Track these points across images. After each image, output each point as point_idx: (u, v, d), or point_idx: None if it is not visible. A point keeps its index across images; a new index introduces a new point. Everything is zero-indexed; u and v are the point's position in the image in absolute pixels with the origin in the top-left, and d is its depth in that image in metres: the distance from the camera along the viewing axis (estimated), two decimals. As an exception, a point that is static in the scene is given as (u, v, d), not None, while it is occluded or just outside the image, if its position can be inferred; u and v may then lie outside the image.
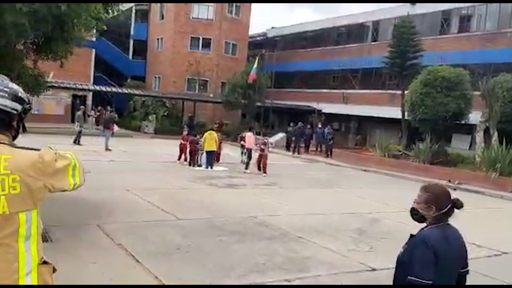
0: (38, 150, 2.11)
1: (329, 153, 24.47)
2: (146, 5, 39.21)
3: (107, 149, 19.53)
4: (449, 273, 2.72)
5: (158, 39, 39.40)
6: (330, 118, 33.95)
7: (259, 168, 16.53)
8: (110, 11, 8.26)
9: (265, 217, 9.40)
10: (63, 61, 8.72)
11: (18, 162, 2.00)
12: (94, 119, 30.22)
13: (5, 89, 2.07)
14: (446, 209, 2.74)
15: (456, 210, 2.83)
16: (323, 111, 34.51)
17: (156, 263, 6.07)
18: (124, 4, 35.43)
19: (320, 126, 27.92)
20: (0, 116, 2.06)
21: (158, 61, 38.81)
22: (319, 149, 26.19)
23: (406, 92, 22.75)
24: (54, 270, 2.18)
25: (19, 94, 2.12)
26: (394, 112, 25.75)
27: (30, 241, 2.05)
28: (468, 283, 2.96)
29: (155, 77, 39.46)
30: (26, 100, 2.17)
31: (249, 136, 17.59)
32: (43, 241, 2.20)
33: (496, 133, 19.07)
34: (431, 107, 19.94)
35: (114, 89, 33.16)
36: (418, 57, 24.28)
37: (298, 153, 25.07)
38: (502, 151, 17.48)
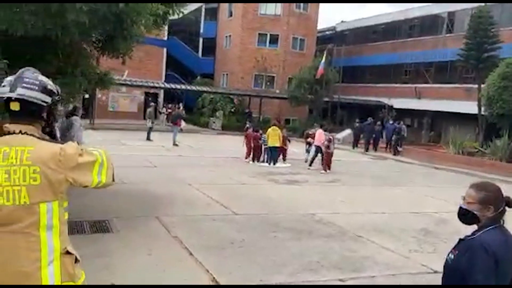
0: (68, 143, 2.17)
1: (396, 149, 23.41)
2: (215, 2, 39.93)
3: (174, 144, 20.14)
4: (506, 277, 2.50)
5: (226, 36, 39.98)
6: (402, 114, 32.60)
7: (323, 165, 16.15)
8: (171, 10, 8.44)
9: (324, 214, 9.19)
10: (137, 59, 9.06)
11: (40, 154, 2.07)
12: (165, 116, 31.27)
13: (36, 81, 2.15)
14: (502, 208, 2.56)
15: None
16: (395, 106, 33.29)
17: (208, 257, 6.12)
18: (192, 4, 36.46)
19: (391, 121, 26.67)
20: (31, 108, 2.14)
21: (226, 58, 39.41)
22: (389, 146, 25.15)
23: (482, 86, 21.33)
24: (77, 260, 2.22)
25: (49, 87, 2.19)
26: (470, 107, 24.25)
27: (53, 232, 2.10)
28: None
29: (223, 74, 40.14)
30: (56, 92, 2.23)
31: (320, 133, 17.11)
32: (105, 232, 2.27)
33: None
34: (509, 101, 18.56)
35: (183, 87, 34.15)
36: (496, 49, 22.69)
37: (367, 150, 24.25)
38: None
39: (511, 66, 19.23)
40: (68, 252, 2.16)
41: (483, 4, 24.46)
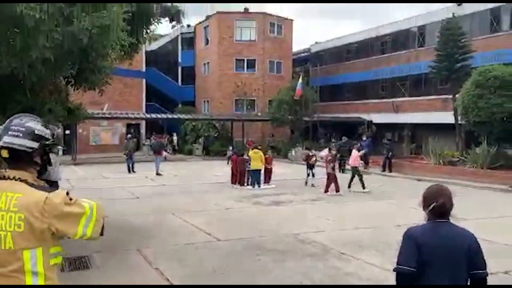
0: (54, 191, 2.16)
1: (390, 166, 22.23)
2: (191, 32, 40.42)
3: (157, 174, 20.00)
4: (442, 266, 2.82)
5: (204, 63, 40.37)
6: (382, 128, 33.06)
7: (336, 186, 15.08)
8: (142, 39, 8.48)
9: (309, 233, 9.17)
10: (116, 92, 9.05)
11: (26, 201, 2.08)
12: (149, 147, 31.14)
13: (21, 128, 2.18)
14: (430, 208, 2.94)
15: None
16: (374, 121, 33.69)
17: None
18: (168, 33, 36.73)
19: (364, 138, 25.38)
20: (19, 154, 2.16)
21: (206, 85, 39.70)
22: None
23: (457, 95, 21.74)
24: None
25: (36, 132, 2.21)
26: (447, 117, 24.62)
27: (38, 278, 2.10)
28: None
29: (204, 101, 40.34)
30: (46, 136, 2.25)
31: (355, 154, 16.50)
32: (85, 268, 2.26)
33: (560, 132, 17.74)
34: (485, 109, 18.87)
35: (164, 116, 34.13)
36: (467, 59, 23.21)
37: (343, 172, 21.20)
38: None
39: (484, 74, 19.62)
40: None
41: (451, 16, 25.16)
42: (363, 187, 15.60)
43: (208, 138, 33.83)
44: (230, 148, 20.57)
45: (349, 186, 15.76)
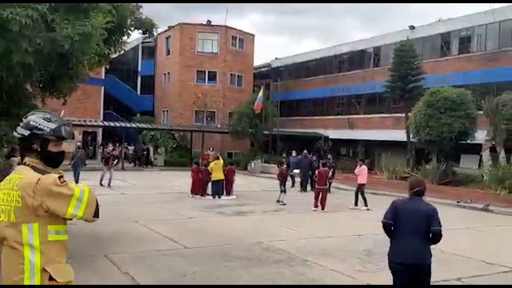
0: (48, 174, 2.46)
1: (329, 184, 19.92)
2: (152, 41, 40.29)
3: (101, 184, 19.03)
4: (409, 222, 4.85)
5: (165, 74, 40.28)
6: (338, 143, 34.10)
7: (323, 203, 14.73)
8: (113, 49, 8.60)
9: (273, 242, 9.46)
10: (74, 99, 9.10)
11: (24, 182, 2.42)
12: (100, 156, 30.40)
13: (24, 120, 2.58)
14: (411, 192, 5.02)
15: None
16: (330, 137, 34.69)
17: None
18: (130, 41, 36.59)
19: (294, 154, 23.52)
20: (22, 142, 2.57)
21: (166, 95, 39.57)
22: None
23: (409, 114, 22.89)
24: (52, 278, 2.44)
25: (31, 122, 2.55)
26: (400, 135, 25.84)
27: (34, 250, 2.39)
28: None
29: (163, 111, 40.15)
30: (40, 127, 2.54)
31: (364, 169, 16.12)
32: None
33: (503, 151, 19.05)
34: (435, 128, 20.01)
35: (123, 124, 33.66)
36: (419, 80, 24.53)
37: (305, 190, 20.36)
38: (509, 168, 17.42)
39: (435, 95, 20.80)
40: (45, 270, 2.40)
41: (405, 39, 26.53)
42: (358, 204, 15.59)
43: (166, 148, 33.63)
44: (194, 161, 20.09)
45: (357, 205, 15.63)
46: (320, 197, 14.70)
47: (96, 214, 2.50)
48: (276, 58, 44.73)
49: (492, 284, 7.29)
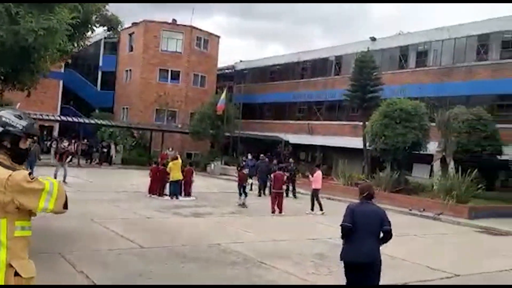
0: (18, 171, 2.50)
1: (294, 192, 20.56)
2: (115, 37, 39.60)
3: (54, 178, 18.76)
4: (365, 224, 5.30)
5: (126, 70, 39.68)
6: (297, 148, 34.65)
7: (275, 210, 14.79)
8: (76, 44, 8.51)
9: (229, 244, 9.58)
10: (31, 91, 8.92)
11: None
12: (54, 151, 29.45)
13: None
14: (362, 196, 5.53)
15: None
16: (290, 141, 35.20)
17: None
18: (93, 36, 35.80)
19: (250, 157, 23.17)
20: None
21: (127, 92, 38.98)
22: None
23: (367, 123, 23.58)
24: (17, 274, 2.48)
25: (3, 119, 2.58)
26: (357, 143, 26.57)
27: (1, 247, 2.43)
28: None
29: (123, 108, 39.52)
30: (10, 123, 2.58)
31: (319, 174, 16.33)
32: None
33: (452, 162, 19.96)
34: (390, 137, 20.71)
35: (81, 120, 32.89)
36: (378, 90, 25.31)
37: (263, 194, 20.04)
38: (458, 179, 18.28)
39: (391, 105, 21.54)
40: (11, 266, 2.45)
41: (366, 50, 27.32)
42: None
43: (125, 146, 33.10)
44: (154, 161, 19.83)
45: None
46: (276, 201, 14.89)
47: (66, 206, 2.57)
48: (240, 61, 44.96)
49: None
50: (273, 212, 14.73)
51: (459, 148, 20.61)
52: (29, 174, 2.47)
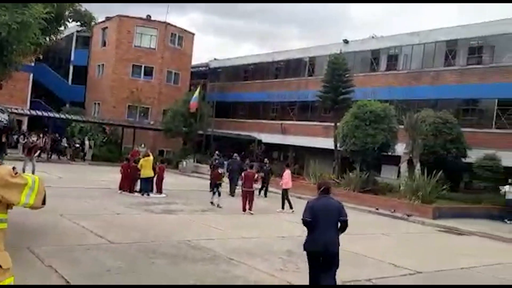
0: (3, 165, 2.58)
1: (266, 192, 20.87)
2: (88, 31, 39.02)
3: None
4: (324, 216, 5.87)
5: (99, 65, 39.17)
6: (270, 147, 34.93)
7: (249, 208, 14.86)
8: (48, 38, 8.47)
9: (200, 240, 9.69)
10: (2, 84, 8.83)
11: None
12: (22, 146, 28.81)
13: None
14: (319, 191, 6.14)
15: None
16: (264, 141, 35.44)
17: (86, 284, 6.22)
18: (65, 30, 35.22)
19: (217, 154, 22.81)
20: None
21: (99, 88, 38.48)
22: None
23: (338, 124, 24.02)
24: None
25: None
26: (328, 143, 27.01)
27: None
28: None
29: (95, 103, 39.00)
30: None
31: (288, 174, 16.55)
32: None
33: (418, 164, 20.57)
34: (360, 138, 21.19)
35: (51, 114, 32.28)
36: (349, 92, 25.79)
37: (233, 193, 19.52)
38: (423, 180, 18.87)
39: (362, 108, 22.03)
40: None
41: (338, 52, 27.79)
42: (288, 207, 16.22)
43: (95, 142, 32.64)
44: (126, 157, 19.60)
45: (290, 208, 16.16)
46: (247, 199, 15.06)
47: (44, 201, 2.65)
48: (214, 59, 44.94)
49: (397, 284, 8.01)
50: (244, 210, 14.91)
51: (425, 150, 21.24)
52: (13, 168, 2.54)
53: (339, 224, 5.95)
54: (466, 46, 26.17)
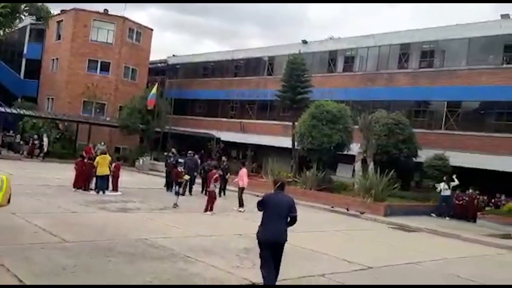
0: None
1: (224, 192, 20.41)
2: (42, 23, 37.83)
3: None
4: (275, 210, 6.50)
5: (53, 59, 38.03)
6: (229, 146, 35.01)
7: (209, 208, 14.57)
8: (2, 32, 8.26)
9: (157, 239, 9.69)
10: None
11: None
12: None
13: None
14: (275, 187, 6.72)
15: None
16: (222, 139, 35.47)
17: (40, 283, 6.13)
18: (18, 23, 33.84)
19: (172, 152, 21.92)
20: None
21: (53, 82, 37.34)
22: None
23: (296, 123, 24.42)
24: None
25: None
26: (287, 142, 27.40)
27: None
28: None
29: (48, 98, 37.83)
30: None
31: (245, 172, 16.28)
32: None
33: (372, 163, 21.26)
34: (317, 138, 21.66)
35: (2, 109, 31.00)
36: (307, 92, 26.26)
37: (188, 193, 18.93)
38: (376, 179, 19.53)
39: (319, 108, 22.51)
40: None
41: (297, 52, 28.22)
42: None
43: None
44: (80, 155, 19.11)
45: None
46: (211, 199, 14.84)
47: (9, 200, 2.67)
48: (173, 55, 44.50)
49: (349, 278, 8.34)
50: (205, 210, 14.71)
51: (379, 150, 21.96)
52: None
53: (288, 219, 6.55)
54: (419, 49, 27.17)
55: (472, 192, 20.78)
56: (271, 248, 6.51)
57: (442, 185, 20.31)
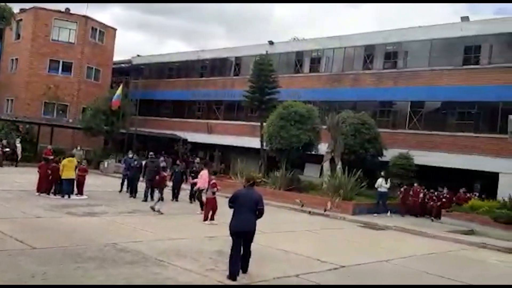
0: None
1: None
2: (8, 26, 36.47)
3: None
4: (244, 204, 7.62)
5: (12, 59, 36.74)
6: (196, 147, 34.72)
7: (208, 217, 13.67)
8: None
9: (127, 243, 9.49)
10: None
11: None
12: None
13: None
14: (247, 184, 8.10)
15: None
16: (189, 140, 35.14)
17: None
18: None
19: (131, 155, 20.75)
20: None
21: (12, 83, 36.03)
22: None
23: (264, 124, 24.47)
24: None
25: None
26: (255, 143, 27.42)
27: None
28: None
29: (7, 100, 36.49)
30: None
31: (206, 174, 15.46)
32: None
33: (340, 163, 21.54)
34: (286, 138, 21.78)
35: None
36: (275, 93, 26.37)
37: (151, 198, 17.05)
38: (344, 179, 19.80)
39: (287, 108, 22.63)
40: None
41: (264, 53, 28.28)
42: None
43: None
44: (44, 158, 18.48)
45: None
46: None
47: None
48: (137, 55, 43.78)
49: (323, 278, 8.40)
50: (205, 219, 13.69)
51: (346, 149, 22.27)
52: None
53: (257, 212, 7.64)
54: (383, 51, 27.72)
55: (417, 186, 21.16)
56: (243, 237, 7.54)
57: (380, 181, 20.08)
